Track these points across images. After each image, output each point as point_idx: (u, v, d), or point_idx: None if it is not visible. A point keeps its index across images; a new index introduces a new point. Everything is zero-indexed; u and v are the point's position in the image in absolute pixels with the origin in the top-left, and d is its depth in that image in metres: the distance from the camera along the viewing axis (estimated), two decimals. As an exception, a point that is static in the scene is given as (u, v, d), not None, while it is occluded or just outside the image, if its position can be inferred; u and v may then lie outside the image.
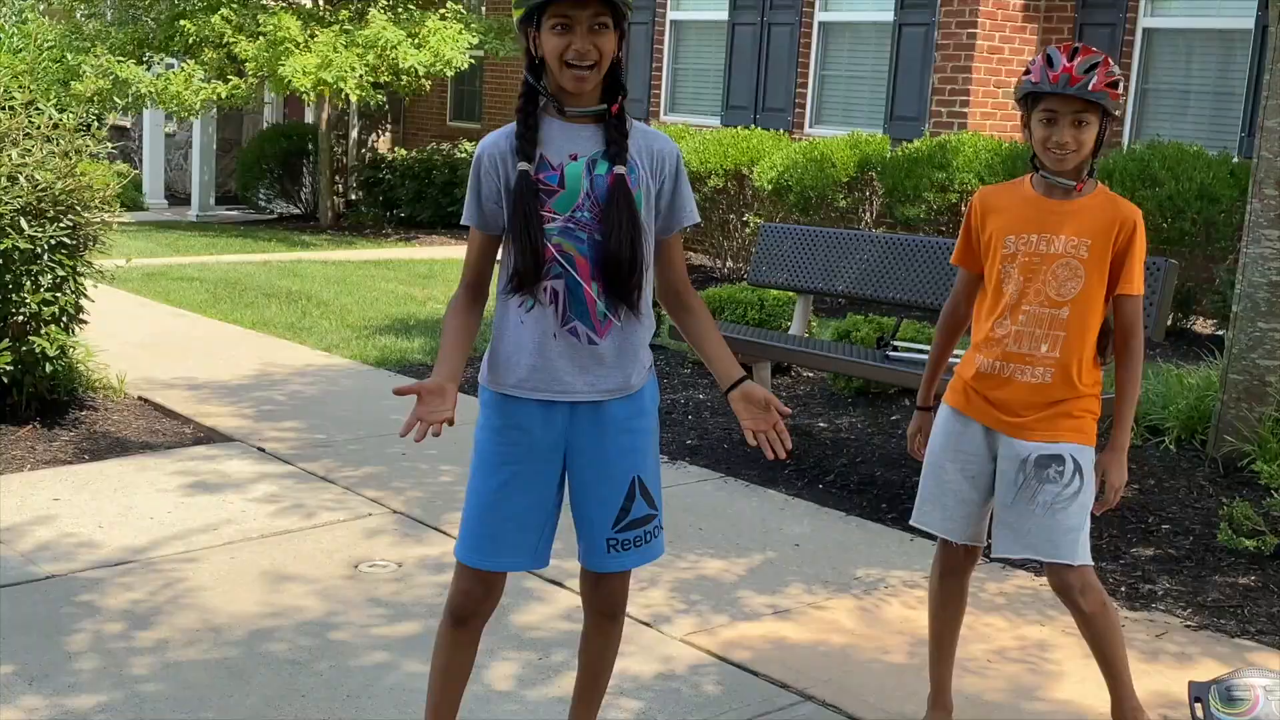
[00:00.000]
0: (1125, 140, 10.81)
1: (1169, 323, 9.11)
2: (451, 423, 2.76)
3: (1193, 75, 10.70)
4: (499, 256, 2.95)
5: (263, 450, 5.94)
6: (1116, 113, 3.18)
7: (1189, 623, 4.30)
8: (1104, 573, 4.69)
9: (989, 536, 3.36)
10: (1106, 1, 10.92)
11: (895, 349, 6.05)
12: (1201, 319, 9.54)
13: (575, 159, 2.84)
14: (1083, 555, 3.25)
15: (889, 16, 11.76)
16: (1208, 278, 9.27)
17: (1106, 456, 3.27)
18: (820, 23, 12.51)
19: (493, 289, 2.98)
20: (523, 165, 2.81)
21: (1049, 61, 3.12)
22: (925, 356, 5.63)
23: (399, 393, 2.79)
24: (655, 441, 3.03)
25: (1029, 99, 3.19)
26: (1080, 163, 3.17)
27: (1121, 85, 3.15)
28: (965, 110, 11.08)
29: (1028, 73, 3.16)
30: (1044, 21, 11.35)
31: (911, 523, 3.46)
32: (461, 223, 2.94)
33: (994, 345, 3.25)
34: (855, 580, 4.59)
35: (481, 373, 3.01)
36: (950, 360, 3.60)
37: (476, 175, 2.90)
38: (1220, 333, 8.99)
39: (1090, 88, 3.07)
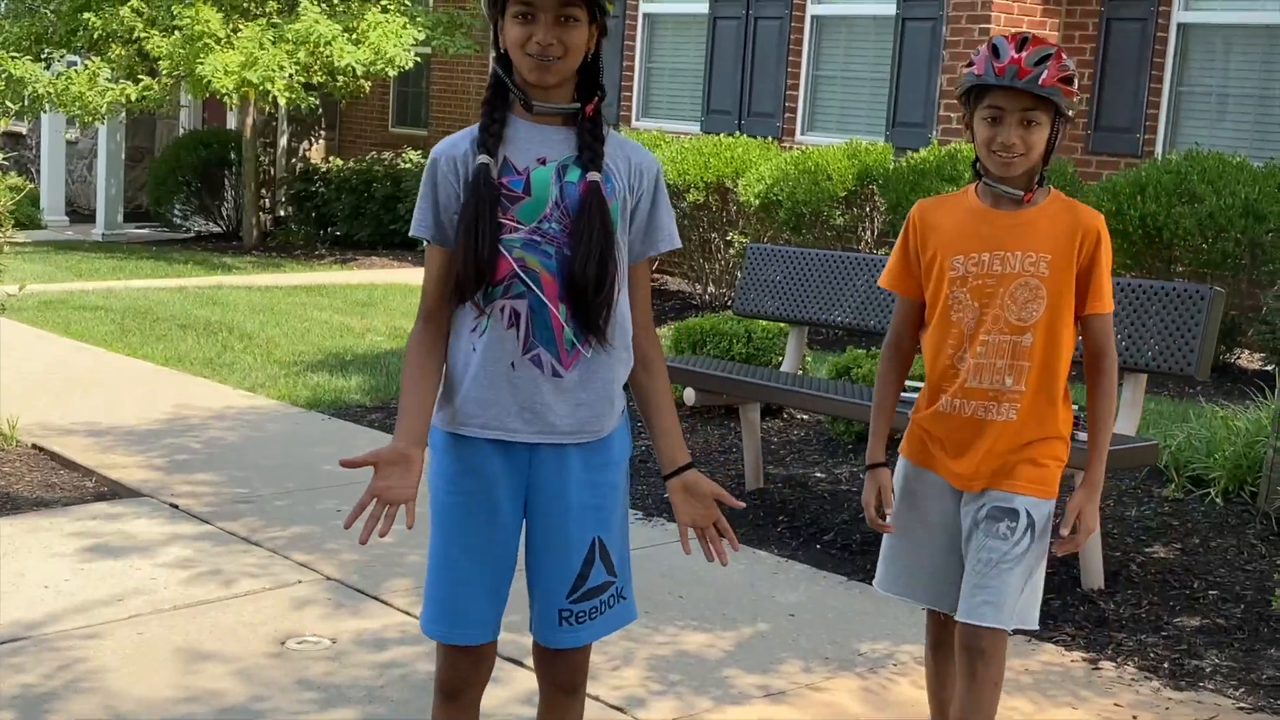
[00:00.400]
0: (1159, 150, 10.87)
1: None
2: (410, 519, 2.72)
3: (1234, 76, 10.77)
4: None
5: (175, 507, 5.86)
6: (1070, 113, 3.14)
7: (1242, 704, 4.26)
8: (1144, 646, 4.66)
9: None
10: (1136, -7, 11.00)
11: (904, 387, 6.02)
12: (1248, 352, 9.56)
13: (544, 163, 2.83)
14: (1007, 620, 3.19)
15: (891, 9, 11.81)
16: (1254, 305, 9.29)
17: (1080, 495, 3.23)
18: (813, 17, 12.56)
19: None
20: (483, 158, 2.79)
21: (995, 52, 3.08)
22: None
23: (347, 465, 2.73)
24: (624, 499, 2.99)
25: (972, 95, 3.13)
26: (1029, 169, 3.13)
27: (1076, 83, 3.11)
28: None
29: (971, 65, 3.12)
30: (1066, 16, 11.41)
31: (876, 587, 3.41)
32: (412, 234, 2.90)
33: (950, 381, 3.20)
34: (859, 656, 4.54)
35: (434, 408, 2.96)
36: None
37: (432, 181, 2.87)
38: (1269, 368, 9.01)
39: (1041, 81, 3.03)
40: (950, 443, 3.22)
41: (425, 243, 2.89)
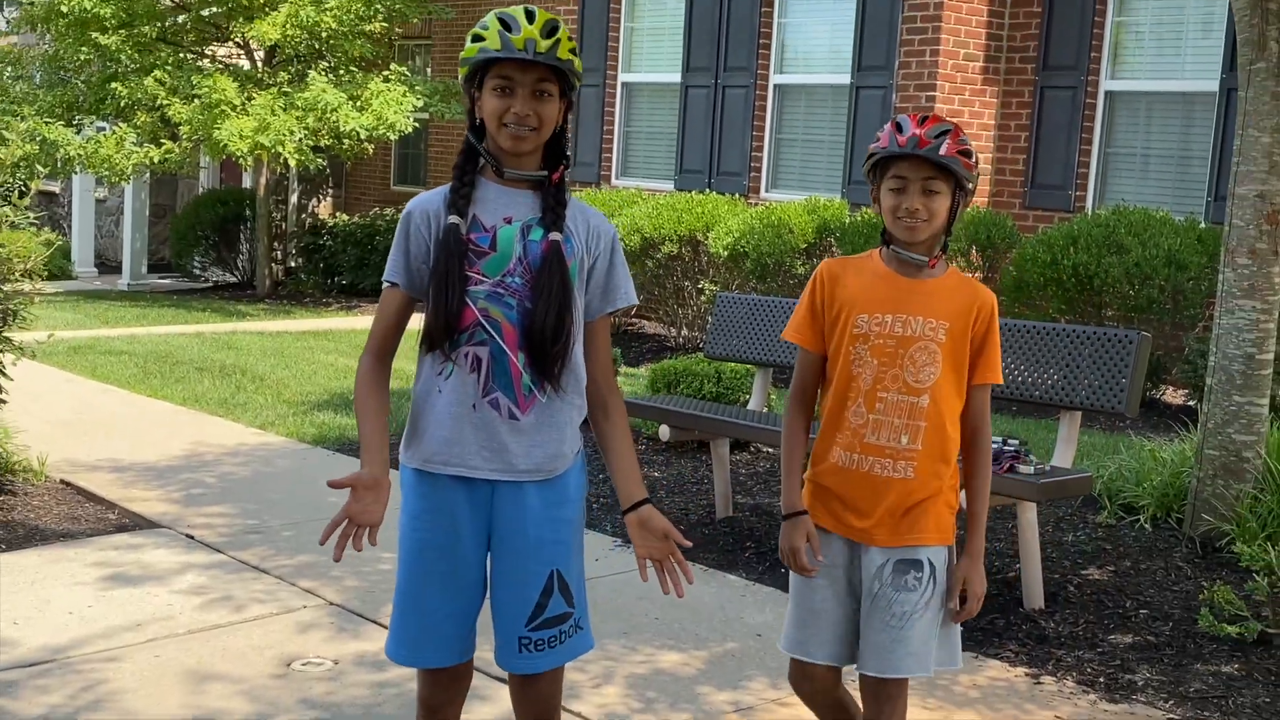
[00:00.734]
0: (1089, 205, 10.89)
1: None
2: (374, 538, 2.72)
3: (1156, 139, 10.82)
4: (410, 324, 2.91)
5: (191, 537, 5.78)
6: (970, 186, 3.07)
7: (1172, 715, 4.22)
8: (1082, 662, 4.61)
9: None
10: (1067, 64, 11.05)
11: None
12: (1172, 389, 9.57)
13: (509, 222, 2.81)
14: (930, 667, 3.09)
15: (846, 79, 11.85)
16: (1177, 346, 9.30)
17: (966, 564, 3.12)
18: (775, 85, 12.58)
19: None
20: (452, 219, 2.78)
21: (898, 127, 3.03)
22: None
23: (334, 485, 2.72)
24: (579, 533, 2.96)
25: (878, 169, 3.08)
26: (932, 235, 3.05)
27: (976, 158, 3.06)
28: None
29: (876, 141, 3.08)
30: (1004, 84, 11.46)
31: (783, 650, 3.23)
32: (385, 279, 2.88)
33: (849, 436, 3.09)
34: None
35: (400, 449, 2.93)
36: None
37: (405, 233, 2.85)
38: (1192, 403, 9.01)
39: (941, 152, 2.98)
40: (850, 497, 3.09)
41: (386, 285, 2.88)
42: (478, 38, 2.79)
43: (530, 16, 2.77)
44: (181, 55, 15.07)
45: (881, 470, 3.06)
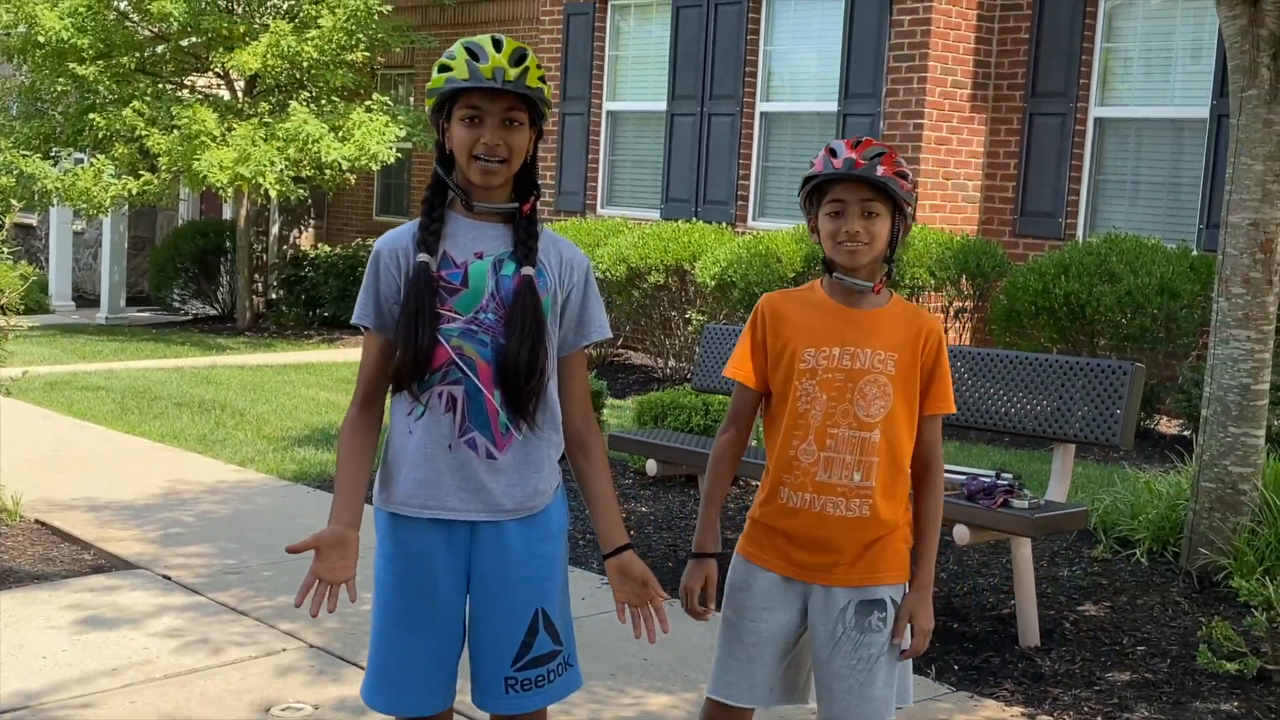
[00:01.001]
0: (1080, 233, 10.91)
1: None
2: (353, 594, 2.67)
3: (1146, 165, 10.85)
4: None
5: (168, 578, 5.72)
6: (909, 208, 3.04)
7: (1172, 755, 4.17)
8: (1079, 701, 4.57)
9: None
10: (1056, 91, 11.09)
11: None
12: (1166, 419, 9.56)
13: (480, 257, 2.79)
14: (886, 712, 3.05)
15: (833, 107, 11.87)
16: (1171, 375, 9.30)
17: (913, 598, 3.07)
18: (762, 113, 12.60)
19: None
20: (422, 256, 2.75)
21: (832, 152, 3.01)
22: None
23: (293, 550, 2.68)
24: (563, 569, 2.93)
25: (814, 195, 3.04)
26: (874, 259, 3.02)
27: (912, 180, 3.04)
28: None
29: (811, 167, 3.04)
30: (992, 112, 11.49)
31: (710, 695, 3.14)
32: (354, 322, 2.85)
33: (799, 475, 3.02)
34: (811, 714, 4.43)
35: (374, 490, 2.89)
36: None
37: (374, 272, 2.83)
38: (1187, 433, 9.00)
39: (878, 173, 2.95)
40: (804, 538, 3.03)
41: (364, 330, 2.84)
42: (444, 68, 2.77)
43: (498, 45, 2.75)
44: (160, 86, 15.06)
45: (835, 510, 3.00)
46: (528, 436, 2.81)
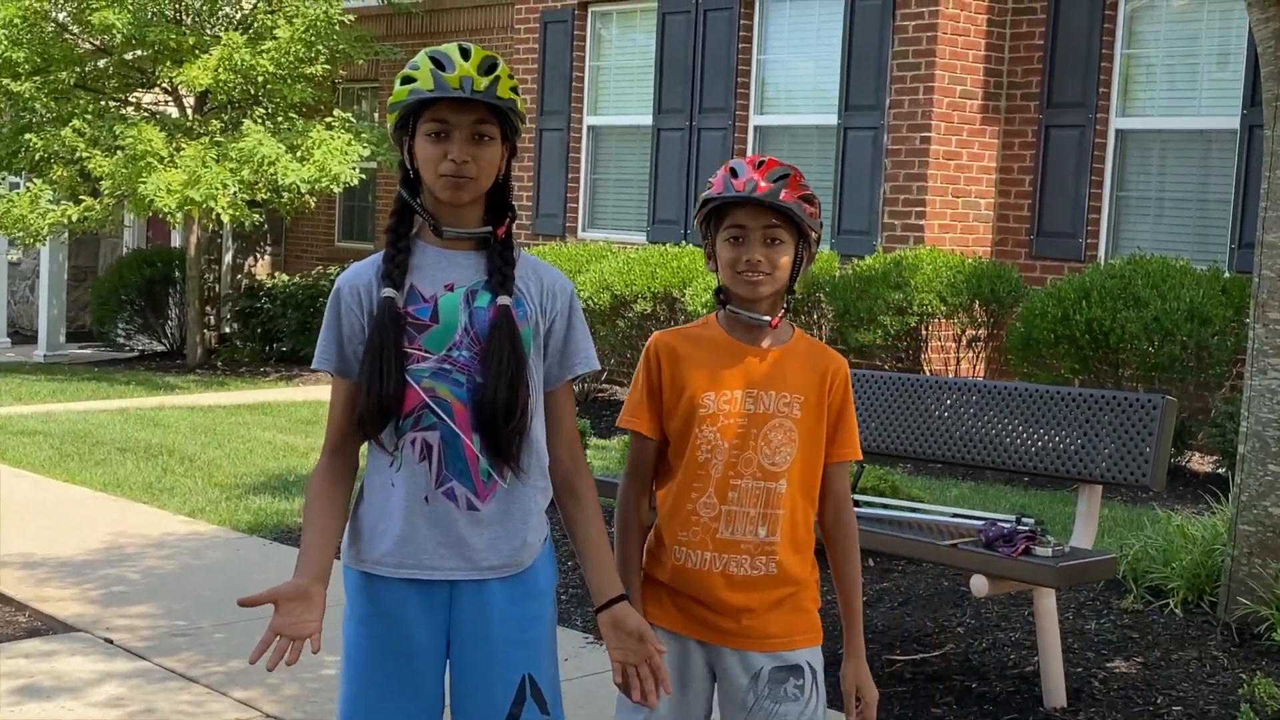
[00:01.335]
0: (1102, 254, 10.92)
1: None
2: (316, 646, 2.61)
3: (1172, 180, 10.87)
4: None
5: (110, 642, 5.66)
6: (814, 235, 3.02)
7: (1214, 827, 4.13)
8: (1111, 767, 4.52)
9: None
10: (1074, 101, 11.12)
11: (857, 504, 5.92)
12: (1199, 456, 9.54)
13: (451, 289, 2.76)
14: None
15: (833, 120, 11.89)
16: (1203, 408, 9.29)
17: (851, 668, 3.06)
18: (756, 127, 12.62)
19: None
20: (387, 291, 2.71)
21: (733, 172, 2.98)
22: (895, 513, 5.51)
23: (245, 604, 2.62)
24: (551, 632, 2.88)
25: (711, 219, 3.02)
26: (775, 292, 2.99)
27: (818, 205, 3.01)
28: (921, 223, 11.16)
29: (709, 187, 3.02)
30: (1005, 124, 11.52)
31: None
32: (314, 368, 2.82)
33: (697, 532, 2.98)
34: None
35: (342, 547, 2.85)
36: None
37: (335, 312, 2.79)
38: (1221, 471, 8.98)
39: (781, 197, 2.93)
40: (705, 600, 2.98)
41: (330, 376, 2.81)
42: (408, 79, 2.74)
43: (465, 53, 2.72)
44: (103, 103, 15.06)
45: (739, 569, 2.97)
46: (512, 484, 2.77)
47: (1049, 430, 5.46)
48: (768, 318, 3.02)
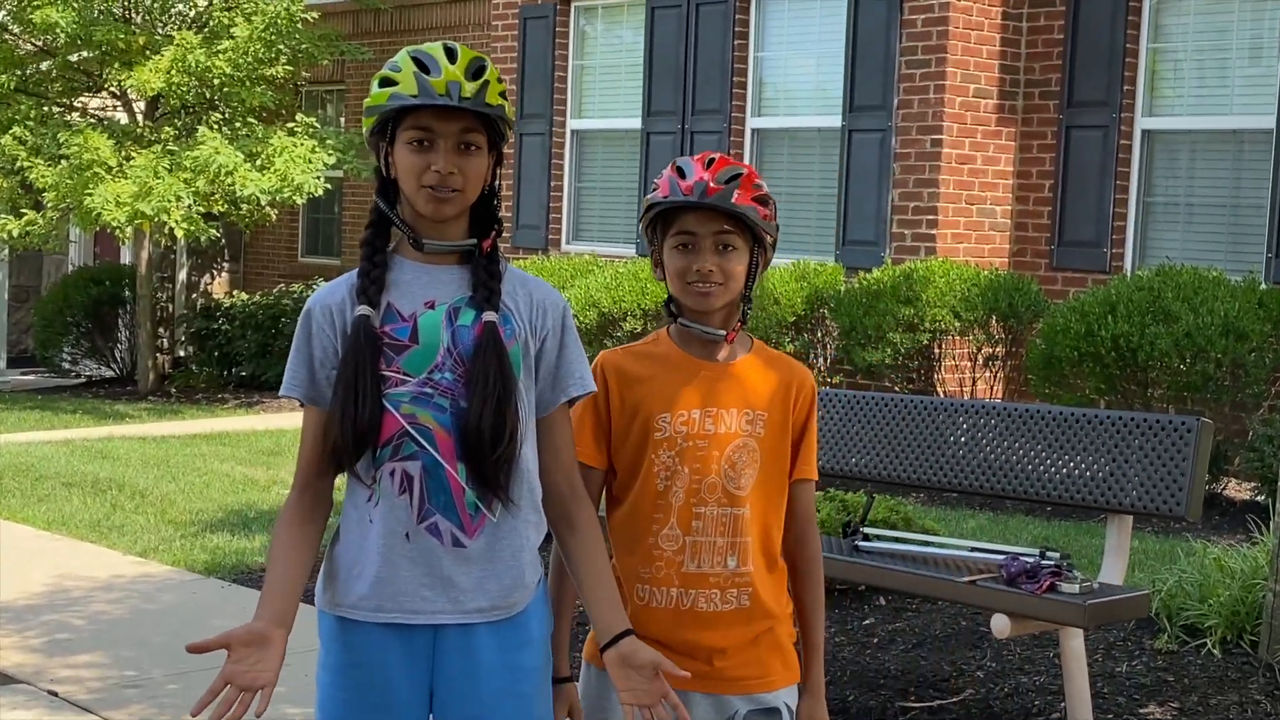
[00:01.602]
0: (1129, 265, 10.93)
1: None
2: (264, 703, 2.57)
3: (1204, 185, 10.89)
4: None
5: (54, 694, 5.63)
6: (769, 239, 3.01)
7: None
8: (1146, 823, 4.50)
9: None
10: (1097, 99, 11.14)
11: (866, 538, 5.90)
12: (1236, 482, 9.53)
13: (432, 307, 2.74)
14: None
15: (836, 121, 11.90)
16: (1240, 430, 9.28)
17: (807, 705, 3.05)
18: (754, 130, 12.64)
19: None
20: (362, 309, 2.69)
21: (680, 172, 2.96)
22: (908, 547, 5.49)
23: (194, 650, 2.59)
24: (545, 683, 2.86)
25: (658, 224, 3.00)
26: (729, 302, 2.98)
27: (773, 206, 3.00)
28: (933, 232, 11.17)
29: (654, 189, 2.99)
30: (1022, 125, 11.54)
31: None
32: (283, 394, 2.80)
33: (661, 567, 2.95)
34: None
35: (316, 590, 2.82)
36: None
37: (306, 334, 2.77)
38: (1260, 498, 8.97)
39: (733, 199, 2.91)
40: (672, 642, 2.94)
41: (299, 404, 2.78)
42: (387, 81, 2.73)
43: (451, 55, 2.71)
44: (46, 108, 15.06)
45: (709, 604, 2.95)
46: (502, 518, 2.74)
47: (1074, 456, 5.45)
48: (723, 331, 3.00)
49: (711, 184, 2.91)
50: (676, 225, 2.96)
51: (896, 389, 10.48)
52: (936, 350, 10.61)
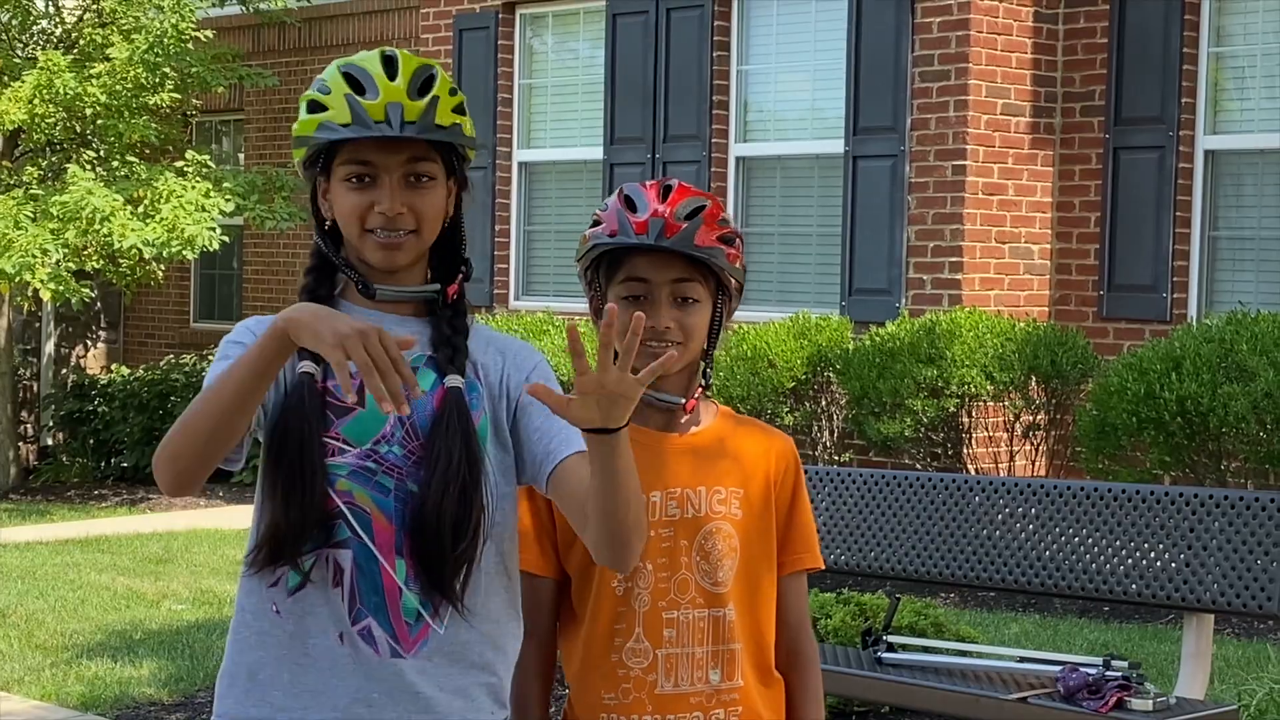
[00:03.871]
0: (1193, 312, 10.95)
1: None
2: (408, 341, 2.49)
3: (1278, 214, 10.93)
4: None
5: None
6: (735, 285, 2.98)
7: None
8: None
9: None
10: (1150, 116, 11.18)
11: (891, 648, 5.88)
12: (1329, 570, 9.52)
13: None
14: None
15: (838, 147, 11.93)
16: (1333, 509, 9.27)
17: None
18: (739, 158, 12.66)
19: None
20: (305, 366, 2.63)
21: (629, 204, 2.90)
22: (941, 658, 5.46)
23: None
24: None
25: (600, 266, 2.96)
26: (688, 364, 2.96)
27: (740, 244, 2.95)
28: (958, 277, 11.18)
29: (597, 223, 2.94)
30: (1061, 147, 11.58)
31: None
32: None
33: (629, 689, 2.92)
34: None
35: (218, 697, 2.77)
36: None
37: (227, 356, 2.68)
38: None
39: (696, 240, 2.86)
40: None
41: None
42: (316, 105, 2.70)
43: (390, 67, 2.68)
44: (-119, 147, 15.02)
45: None
46: (453, 627, 2.69)
47: (1136, 543, 5.46)
48: (681, 398, 2.97)
49: (670, 220, 2.86)
50: (625, 270, 2.92)
51: (919, 466, 10.45)
52: (965, 419, 10.59)
